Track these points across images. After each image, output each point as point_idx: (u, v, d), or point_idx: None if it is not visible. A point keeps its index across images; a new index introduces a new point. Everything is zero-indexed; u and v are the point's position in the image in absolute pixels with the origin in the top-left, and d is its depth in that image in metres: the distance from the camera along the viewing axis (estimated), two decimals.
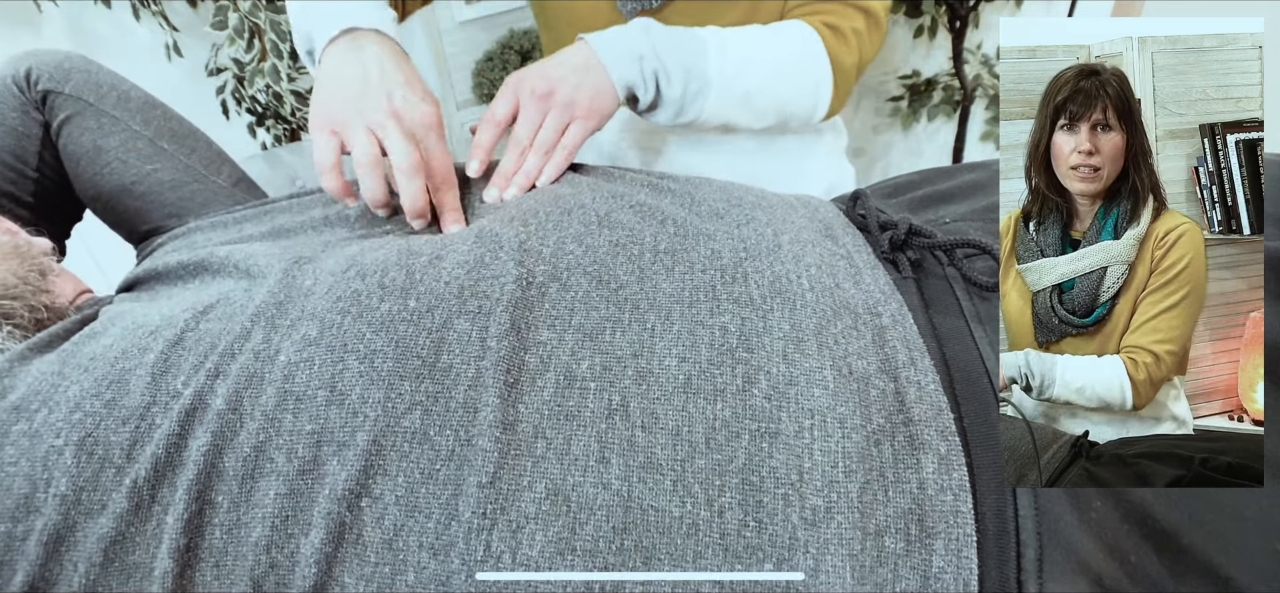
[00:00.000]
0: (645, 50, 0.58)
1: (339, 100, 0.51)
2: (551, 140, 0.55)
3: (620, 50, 0.58)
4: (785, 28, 0.67)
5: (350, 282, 0.39)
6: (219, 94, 1.34)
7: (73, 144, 0.56)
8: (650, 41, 0.59)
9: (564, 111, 0.55)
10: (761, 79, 0.64)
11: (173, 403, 0.35)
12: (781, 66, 0.66)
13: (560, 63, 0.57)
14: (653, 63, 0.59)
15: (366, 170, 0.49)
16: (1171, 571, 0.33)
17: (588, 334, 0.38)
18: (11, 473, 0.33)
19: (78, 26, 1.35)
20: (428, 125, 0.51)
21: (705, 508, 0.34)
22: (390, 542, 0.33)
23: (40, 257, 0.48)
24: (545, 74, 0.56)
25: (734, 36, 0.63)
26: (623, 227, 0.44)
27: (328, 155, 0.50)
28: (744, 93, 0.63)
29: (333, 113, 0.51)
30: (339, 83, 0.52)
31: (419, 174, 0.49)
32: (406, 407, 0.35)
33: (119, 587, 0.33)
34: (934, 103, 1.60)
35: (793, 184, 0.78)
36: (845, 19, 0.68)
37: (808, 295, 0.40)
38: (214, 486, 0.34)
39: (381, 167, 0.50)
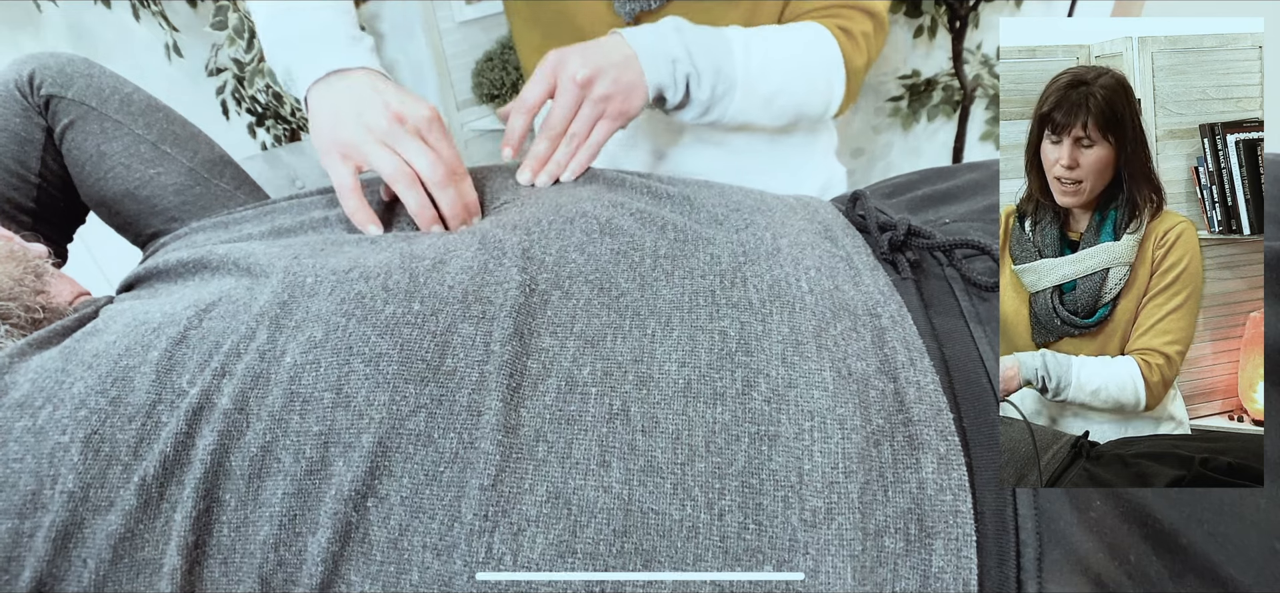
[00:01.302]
0: (679, 53, 0.59)
1: (341, 124, 0.51)
2: (583, 132, 0.55)
3: (657, 51, 0.58)
4: (803, 30, 0.68)
5: (354, 284, 0.39)
6: (219, 94, 1.34)
7: (76, 149, 0.57)
8: (684, 44, 0.59)
9: (597, 105, 0.55)
10: (782, 81, 0.65)
11: (179, 401, 0.35)
12: (802, 69, 0.67)
13: (601, 52, 0.56)
14: (686, 66, 0.59)
15: (405, 186, 0.49)
16: (1171, 570, 0.33)
17: (589, 341, 0.38)
18: (17, 470, 0.33)
19: (77, 26, 1.35)
20: (431, 122, 0.51)
21: (705, 511, 0.34)
22: (395, 542, 0.33)
23: (35, 260, 0.48)
24: (587, 60, 0.55)
25: (757, 38, 0.64)
26: (624, 234, 0.44)
27: (346, 177, 0.50)
28: (767, 94, 0.64)
29: (338, 137, 0.51)
30: (336, 110, 0.52)
31: (452, 181, 0.50)
32: (411, 409, 0.35)
33: (129, 583, 0.33)
34: (934, 103, 1.60)
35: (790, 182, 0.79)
36: (855, 22, 0.69)
37: (807, 298, 0.40)
38: (222, 484, 0.34)
39: (417, 180, 0.50)
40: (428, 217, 0.50)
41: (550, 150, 0.55)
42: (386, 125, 0.50)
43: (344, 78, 0.53)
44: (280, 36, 0.57)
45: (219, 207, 0.59)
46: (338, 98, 0.52)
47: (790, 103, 0.67)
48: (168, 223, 0.58)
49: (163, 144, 0.58)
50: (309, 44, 0.54)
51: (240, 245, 0.47)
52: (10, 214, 0.57)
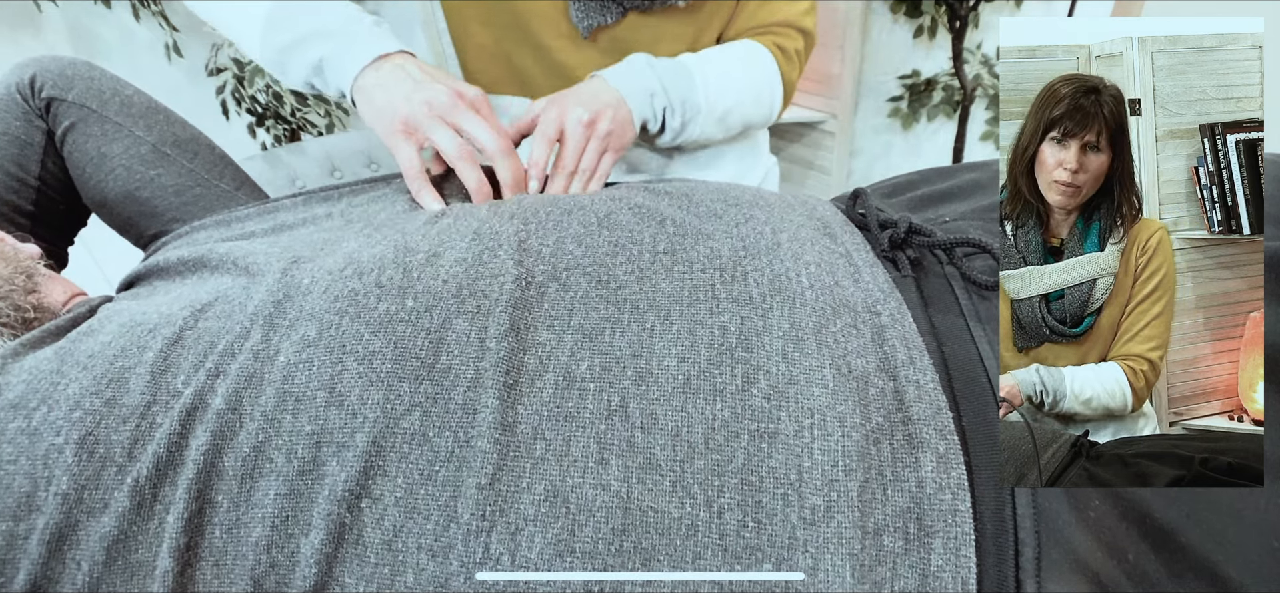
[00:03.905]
0: (656, 87, 0.65)
1: (401, 102, 0.54)
2: (593, 166, 0.60)
3: (637, 88, 0.64)
4: (744, 51, 0.75)
5: (347, 281, 0.39)
6: (219, 94, 1.34)
7: (77, 151, 0.57)
8: (658, 78, 0.65)
9: (602, 141, 0.61)
10: (734, 100, 0.72)
11: (173, 402, 0.35)
12: (749, 86, 0.74)
13: (595, 96, 0.62)
14: (662, 99, 0.65)
15: (468, 164, 0.53)
16: (1170, 570, 0.33)
17: (587, 335, 0.38)
18: (11, 471, 0.33)
19: (78, 27, 1.36)
20: (484, 97, 0.56)
21: (704, 508, 0.34)
22: (390, 543, 0.33)
23: (26, 261, 0.48)
24: (586, 104, 0.61)
25: (708, 63, 0.70)
26: (622, 227, 0.44)
27: (413, 160, 0.53)
28: (722, 113, 0.71)
29: (398, 113, 0.54)
30: (392, 91, 0.55)
31: (510, 152, 0.54)
32: (406, 408, 0.35)
33: (122, 585, 0.33)
34: (934, 103, 1.60)
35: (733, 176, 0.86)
36: (790, 40, 0.78)
37: (807, 294, 0.40)
38: (214, 485, 0.34)
39: (476, 157, 0.54)
40: (485, 193, 0.54)
41: (566, 187, 0.60)
42: (448, 101, 0.54)
43: (389, 61, 0.56)
44: (305, 33, 0.59)
45: (219, 207, 0.59)
46: (389, 80, 0.55)
47: (739, 118, 0.74)
48: (168, 224, 0.58)
49: (163, 146, 0.58)
50: (342, 36, 0.57)
51: (240, 244, 0.46)
52: (9, 216, 0.57)
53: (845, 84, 1.68)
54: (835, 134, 1.77)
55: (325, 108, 1.44)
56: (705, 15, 0.78)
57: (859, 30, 1.60)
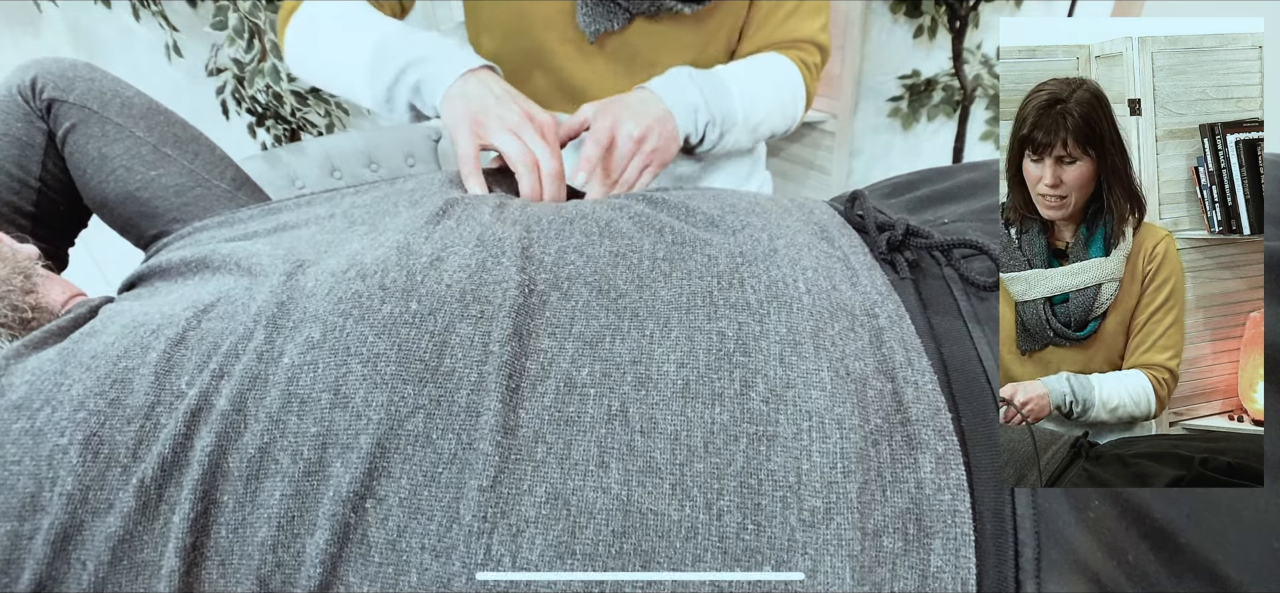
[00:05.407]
0: (699, 102, 0.67)
1: (479, 108, 0.59)
2: (633, 179, 0.63)
3: (683, 103, 0.66)
4: (773, 63, 0.78)
5: (351, 283, 0.39)
6: (219, 94, 1.34)
7: (78, 152, 0.57)
8: (701, 92, 0.67)
9: (647, 157, 0.64)
10: (765, 113, 0.75)
11: (177, 403, 0.35)
12: (778, 99, 0.77)
13: (646, 112, 0.64)
14: (705, 114, 0.68)
15: (527, 170, 0.57)
16: (1169, 570, 0.33)
17: (588, 342, 0.38)
18: (15, 472, 0.33)
19: (78, 27, 1.36)
20: (552, 125, 0.60)
21: (704, 511, 0.34)
22: (393, 543, 0.33)
23: (24, 261, 0.48)
24: (637, 119, 0.63)
25: (739, 74, 0.73)
26: (623, 236, 0.44)
27: (472, 148, 0.58)
28: (754, 125, 0.74)
29: (472, 110, 0.59)
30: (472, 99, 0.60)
31: (561, 179, 0.57)
32: (409, 410, 0.35)
33: (128, 585, 0.33)
34: (934, 103, 1.60)
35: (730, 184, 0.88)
36: (810, 56, 0.82)
37: (804, 298, 0.40)
38: (219, 485, 0.34)
39: (536, 167, 0.58)
40: (537, 198, 0.57)
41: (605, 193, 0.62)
42: (517, 119, 0.58)
43: (475, 75, 0.62)
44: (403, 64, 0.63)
45: (220, 208, 0.59)
46: (473, 91, 0.60)
47: (767, 129, 0.77)
48: (169, 225, 0.58)
49: (163, 147, 0.59)
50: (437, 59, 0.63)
51: (242, 244, 0.47)
52: (10, 217, 0.58)
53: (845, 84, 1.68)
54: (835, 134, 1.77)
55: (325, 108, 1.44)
56: (712, 24, 0.79)
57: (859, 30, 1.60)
